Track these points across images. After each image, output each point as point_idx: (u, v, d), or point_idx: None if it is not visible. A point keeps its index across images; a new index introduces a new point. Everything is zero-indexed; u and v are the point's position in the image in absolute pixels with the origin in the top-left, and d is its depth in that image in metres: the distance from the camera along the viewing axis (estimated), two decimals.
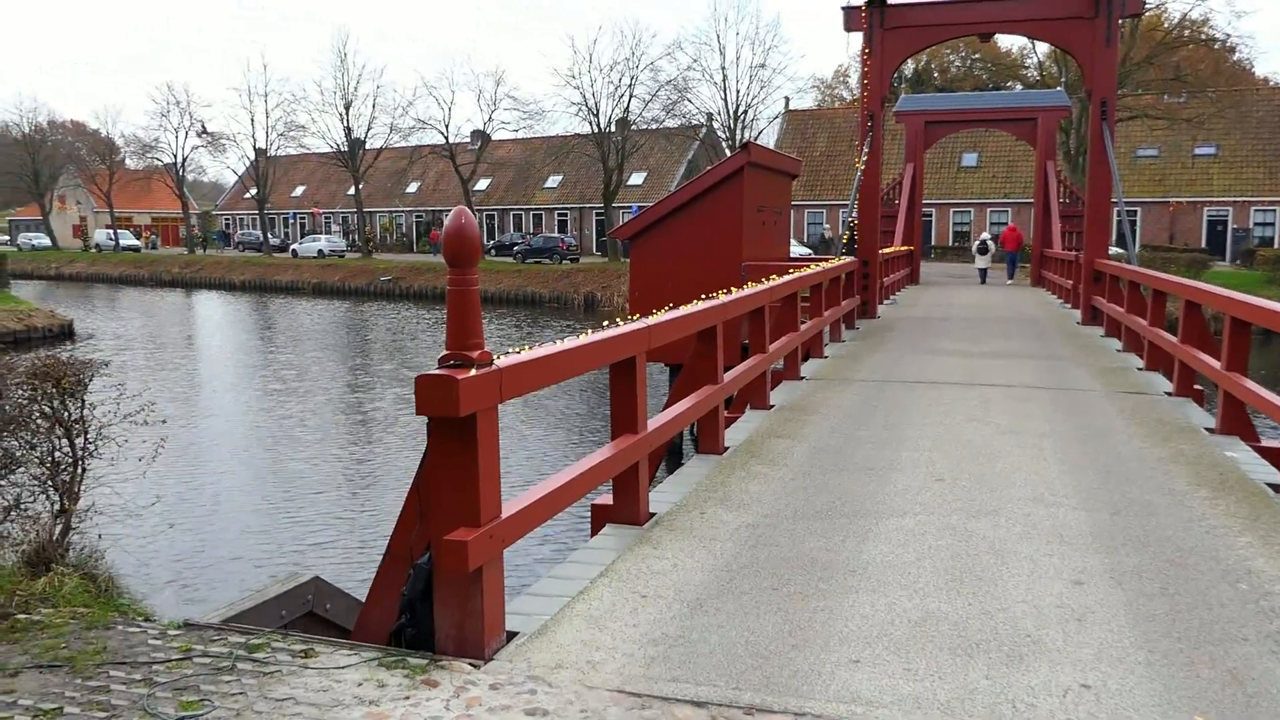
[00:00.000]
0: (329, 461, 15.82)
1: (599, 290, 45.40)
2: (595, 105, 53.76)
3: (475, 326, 4.15)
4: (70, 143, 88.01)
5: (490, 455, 4.16)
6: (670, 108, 53.99)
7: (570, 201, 65.46)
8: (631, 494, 5.93)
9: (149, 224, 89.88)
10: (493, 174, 67.85)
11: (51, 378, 5.84)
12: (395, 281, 52.78)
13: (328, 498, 13.64)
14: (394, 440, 17.15)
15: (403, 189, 72.34)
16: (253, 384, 23.85)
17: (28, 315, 33.56)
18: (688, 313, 6.97)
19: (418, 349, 30.75)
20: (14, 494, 6.02)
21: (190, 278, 62.97)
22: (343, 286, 54.59)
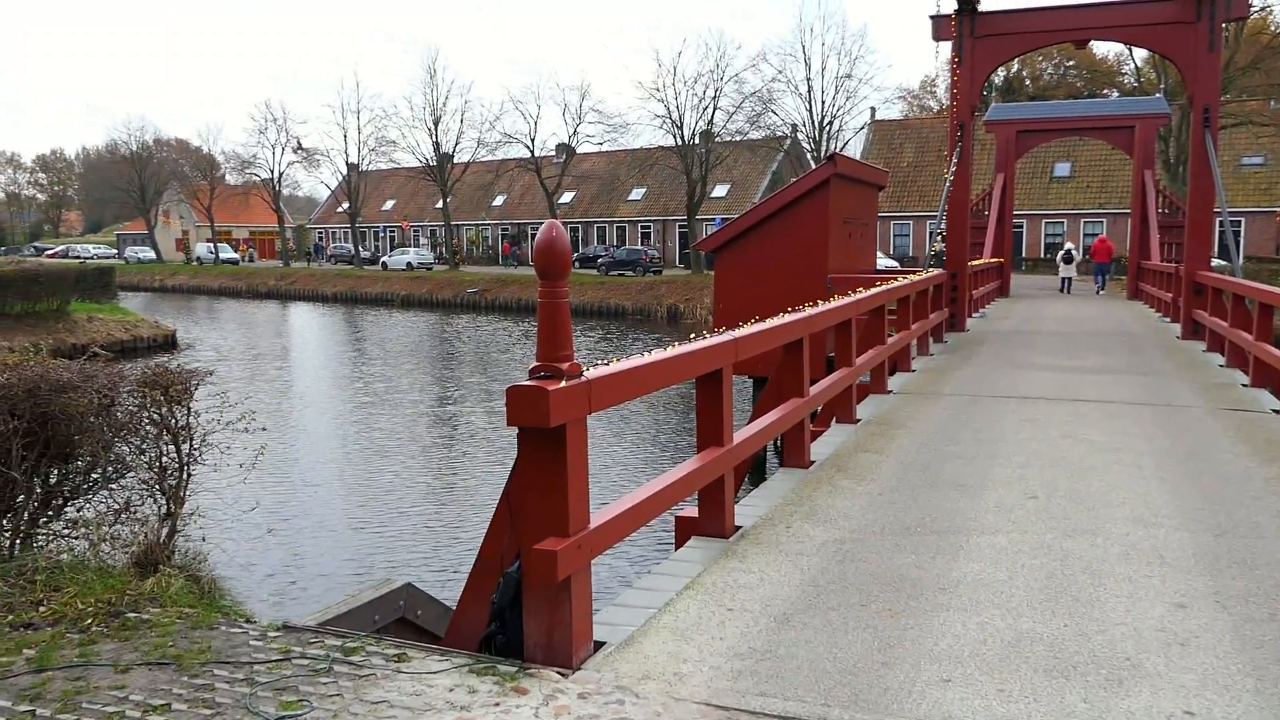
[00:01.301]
0: (418, 471, 16.13)
1: (682, 302, 45.41)
2: (679, 118, 53.93)
3: (565, 338, 4.20)
4: (174, 160, 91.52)
5: (579, 466, 4.21)
6: (754, 119, 53.86)
7: (654, 214, 65.71)
8: (717, 507, 5.93)
9: (247, 238, 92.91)
10: (577, 187, 68.52)
11: (160, 386, 6.08)
12: (481, 294, 53.58)
13: (417, 506, 13.90)
14: (481, 451, 17.39)
15: (489, 202, 73.50)
16: (345, 394, 24.46)
17: (134, 325, 34.94)
18: (774, 325, 6.95)
19: (504, 361, 31.16)
20: (124, 497, 6.29)
21: (285, 290, 64.85)
22: (430, 298, 55.62)
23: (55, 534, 6.31)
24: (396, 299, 57.01)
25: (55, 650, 4.46)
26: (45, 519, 6.35)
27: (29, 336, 27.90)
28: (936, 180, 53.87)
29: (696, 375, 5.68)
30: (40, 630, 4.73)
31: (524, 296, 50.71)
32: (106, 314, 35.14)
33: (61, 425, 6.00)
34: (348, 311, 53.14)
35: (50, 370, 6.12)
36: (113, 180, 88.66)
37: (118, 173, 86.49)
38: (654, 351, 5.12)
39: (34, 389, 5.93)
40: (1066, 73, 72.61)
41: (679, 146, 54.01)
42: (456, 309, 52.23)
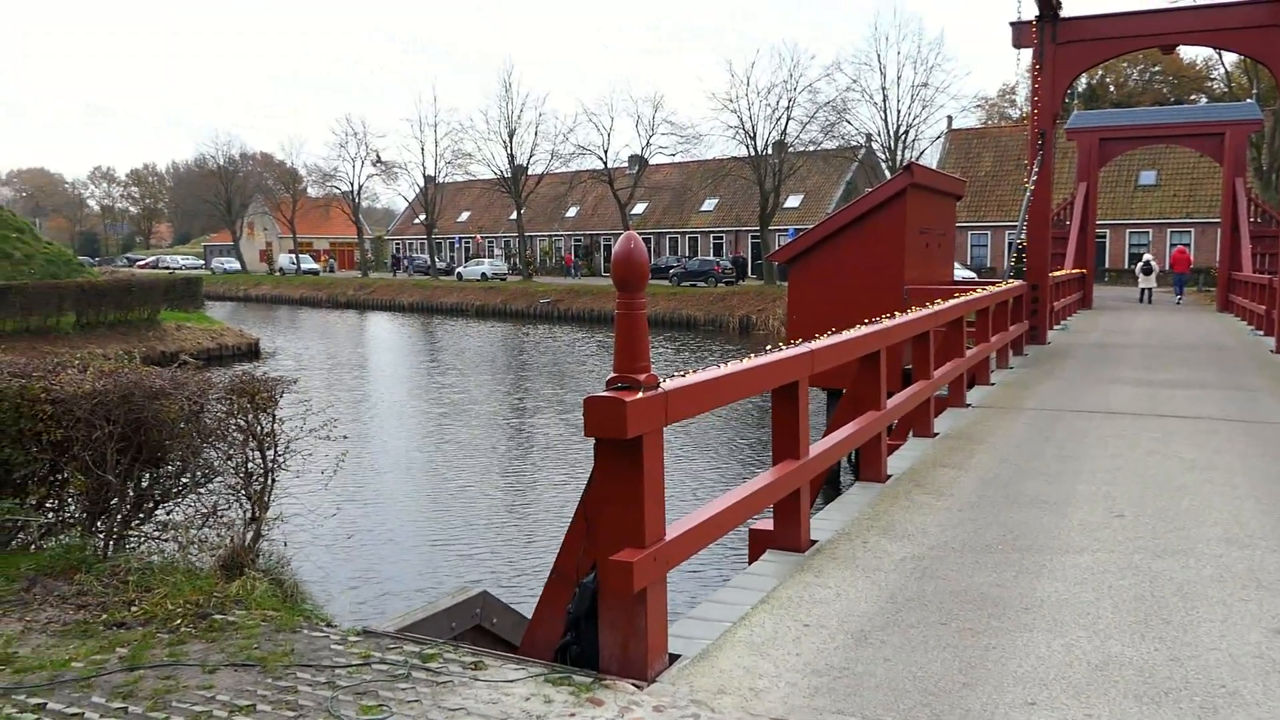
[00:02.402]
0: (493, 480, 16.30)
1: (754, 313, 45.23)
2: (752, 128, 53.79)
3: (643, 350, 4.21)
4: (259, 173, 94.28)
5: (655, 477, 4.20)
6: (828, 129, 53.49)
7: (726, 224, 65.59)
8: (793, 520, 5.87)
9: (327, 249, 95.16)
10: (650, 198, 68.73)
11: (247, 393, 6.24)
12: (554, 304, 54.03)
13: (492, 515, 14.04)
14: (556, 461, 17.50)
15: (562, 213, 74.17)
16: (421, 404, 24.84)
17: (220, 334, 36.03)
18: (850, 337, 6.87)
19: (579, 372, 31.35)
20: (211, 501, 6.46)
21: (364, 299, 66.22)
22: (504, 309, 56.26)
23: (146, 536, 6.51)
24: (471, 309, 57.78)
25: (146, 649, 4.60)
26: (137, 521, 6.56)
27: (122, 344, 28.92)
28: (1015, 190, 52.83)
29: (772, 387, 5.64)
30: (132, 629, 4.88)
31: (596, 307, 50.99)
32: (194, 323, 36.32)
33: (153, 430, 6.19)
34: (424, 321, 54.01)
35: (143, 377, 6.32)
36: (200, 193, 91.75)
37: (205, 186, 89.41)
38: (730, 363, 5.09)
39: (128, 395, 6.13)
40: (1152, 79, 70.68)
41: (752, 157, 53.86)
42: (530, 319, 52.74)
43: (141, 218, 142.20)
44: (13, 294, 28.99)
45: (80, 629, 4.92)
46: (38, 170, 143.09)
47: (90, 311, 31.24)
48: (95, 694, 4.12)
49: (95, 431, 6.09)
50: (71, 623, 5.00)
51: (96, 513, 6.50)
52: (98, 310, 31.53)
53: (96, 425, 6.07)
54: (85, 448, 6.14)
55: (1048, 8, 17.98)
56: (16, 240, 37.04)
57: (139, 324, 32.83)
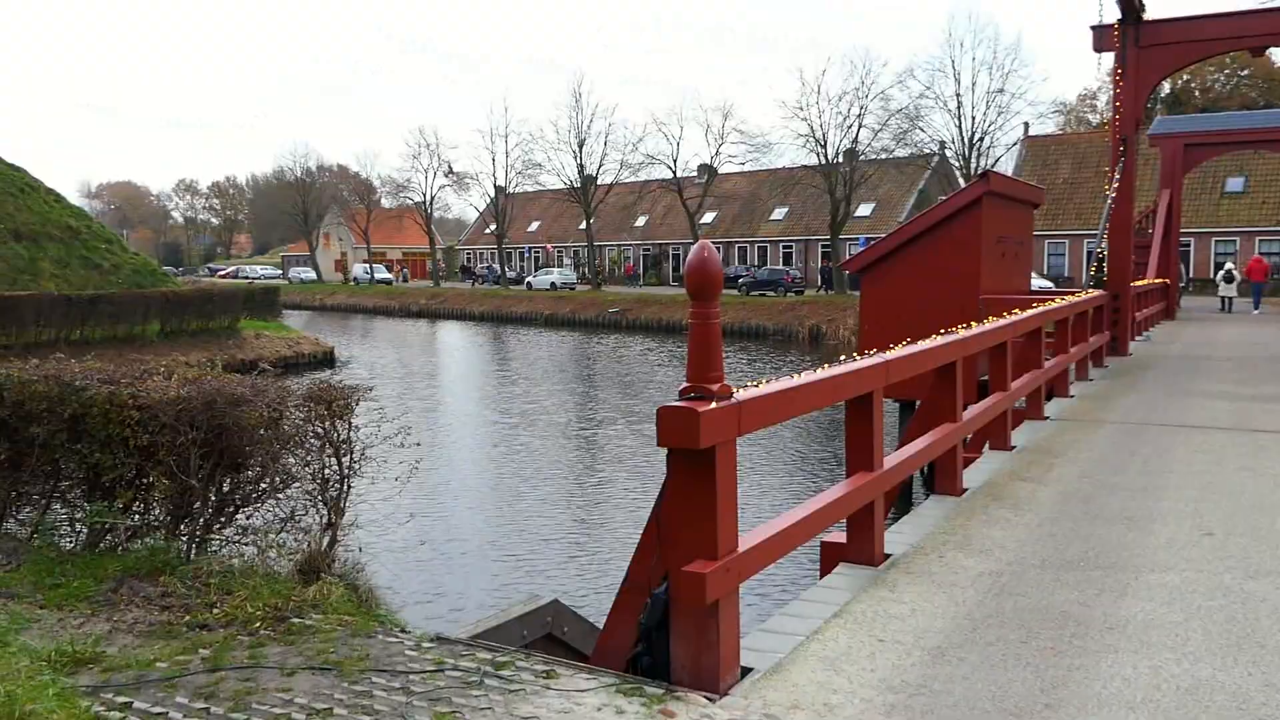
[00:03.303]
0: (564, 489, 16.40)
1: (824, 323, 44.81)
2: (823, 136, 53.43)
3: (716, 359, 4.19)
4: (335, 185, 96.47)
5: (728, 488, 4.18)
6: (901, 137, 52.85)
7: (796, 234, 65.20)
8: (866, 533, 5.79)
9: (400, 258, 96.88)
10: (719, 207, 68.64)
11: (324, 401, 6.36)
12: (623, 313, 54.20)
13: (563, 524, 14.13)
14: (626, 471, 17.54)
15: (631, 223, 74.43)
16: (493, 412, 25.11)
17: (296, 342, 36.87)
18: (926, 348, 6.76)
19: (648, 381, 31.40)
20: (289, 507, 6.59)
21: (435, 309, 67.17)
22: (573, 318, 56.60)
23: (227, 540, 6.67)
24: (540, 318, 58.25)
25: (227, 651, 4.70)
26: (218, 525, 6.72)
27: (204, 352, 29.78)
28: (1095, 197, 51.62)
29: (847, 398, 5.57)
30: (214, 631, 5.00)
31: (665, 316, 51.02)
32: (272, 331, 37.23)
33: (234, 437, 6.34)
34: (494, 330, 54.61)
35: (225, 384, 6.48)
36: (279, 204, 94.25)
37: (283, 197, 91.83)
38: (803, 373, 5.05)
39: (211, 402, 6.29)
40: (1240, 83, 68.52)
41: (822, 165, 53.48)
42: (599, 329, 52.96)
43: (222, 229, 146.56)
44: (102, 303, 30.04)
45: (165, 629, 5.05)
46: (125, 183, 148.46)
47: (174, 320, 32.22)
48: (179, 694, 4.23)
49: (179, 437, 6.26)
50: (156, 623, 5.14)
51: (180, 516, 6.69)
52: (180, 319, 32.51)
53: (181, 431, 6.24)
54: (170, 453, 6.31)
55: (1130, 11, 17.53)
56: (105, 251, 38.41)
57: (219, 332, 33.78)
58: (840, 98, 55.17)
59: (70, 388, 6.71)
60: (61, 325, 28.50)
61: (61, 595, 5.63)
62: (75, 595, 5.63)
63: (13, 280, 32.86)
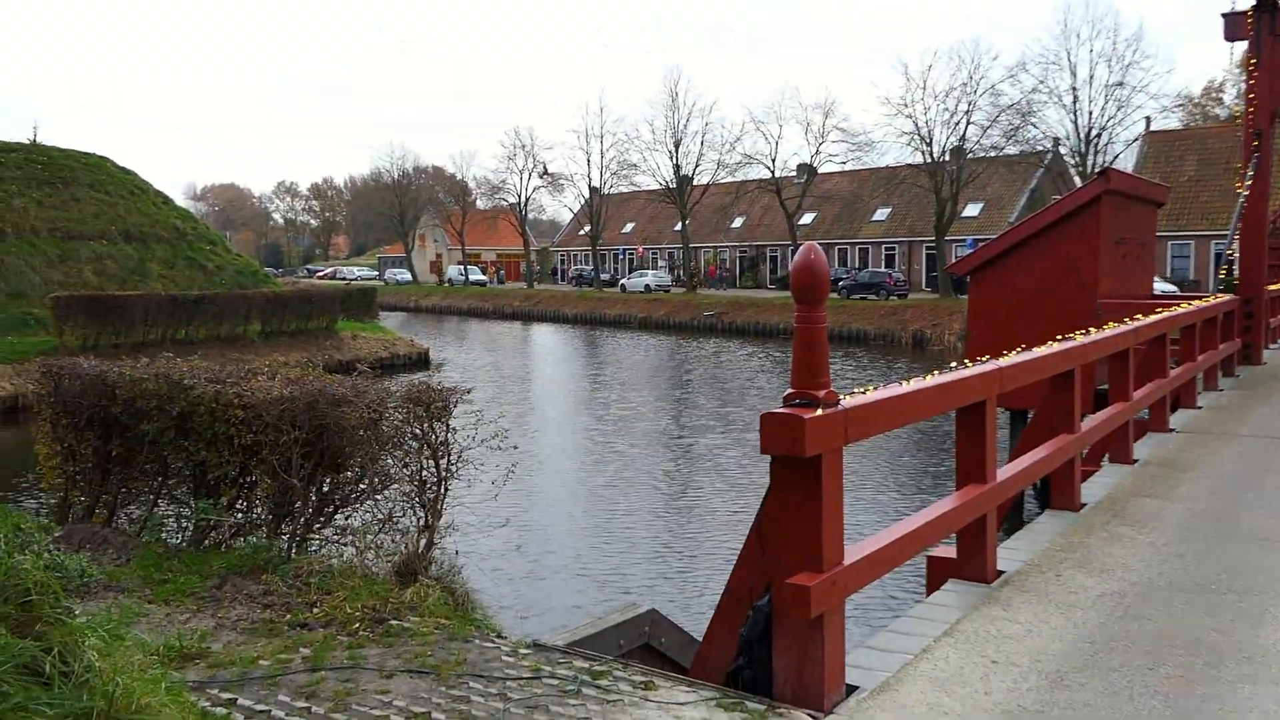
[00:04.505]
0: (661, 495, 16.42)
1: (928, 328, 44.00)
2: (928, 134, 52.44)
3: (822, 365, 4.13)
4: (430, 186, 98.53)
5: (834, 499, 4.12)
6: (1011, 133, 51.49)
7: (899, 235, 64.13)
8: (978, 549, 5.64)
9: (494, 260, 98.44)
10: (818, 207, 67.94)
11: (422, 403, 6.49)
12: (719, 316, 54.09)
13: (660, 531, 14.14)
14: (725, 479, 17.46)
15: (727, 224, 74.16)
16: (587, 416, 25.29)
17: (392, 344, 37.75)
18: (1042, 355, 6.56)
19: (748, 387, 31.26)
20: (387, 508, 6.75)
21: (529, 311, 68.08)
22: (667, 321, 56.69)
23: (327, 540, 6.86)
24: (634, 321, 58.50)
25: (327, 651, 4.82)
26: (318, 525, 6.92)
27: (302, 352, 30.74)
28: (1224, 195, 49.50)
29: (957, 406, 5.44)
30: (314, 631, 5.14)
31: (762, 320, 50.75)
32: (369, 332, 38.19)
33: (335, 437, 6.52)
34: (588, 333, 55.04)
35: (327, 385, 6.67)
36: (376, 206, 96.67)
37: (380, 199, 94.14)
38: (912, 380, 4.95)
39: (312, 403, 6.48)
40: None
41: (928, 164, 52.48)
42: (694, 332, 52.93)
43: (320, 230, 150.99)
44: (206, 303, 31.25)
45: (267, 627, 5.21)
46: (228, 185, 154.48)
47: (274, 321, 33.31)
48: (281, 692, 4.35)
49: (282, 436, 6.46)
50: (259, 621, 5.31)
51: (281, 515, 6.90)
52: (280, 319, 33.59)
53: (283, 430, 6.44)
54: (273, 452, 6.52)
55: None
56: (209, 252, 40.00)
57: (318, 333, 34.78)
58: (947, 93, 53.95)
59: (179, 386, 6.99)
60: (167, 325, 29.72)
61: (169, 591, 5.86)
62: (182, 591, 5.85)
63: (123, 280, 34.45)
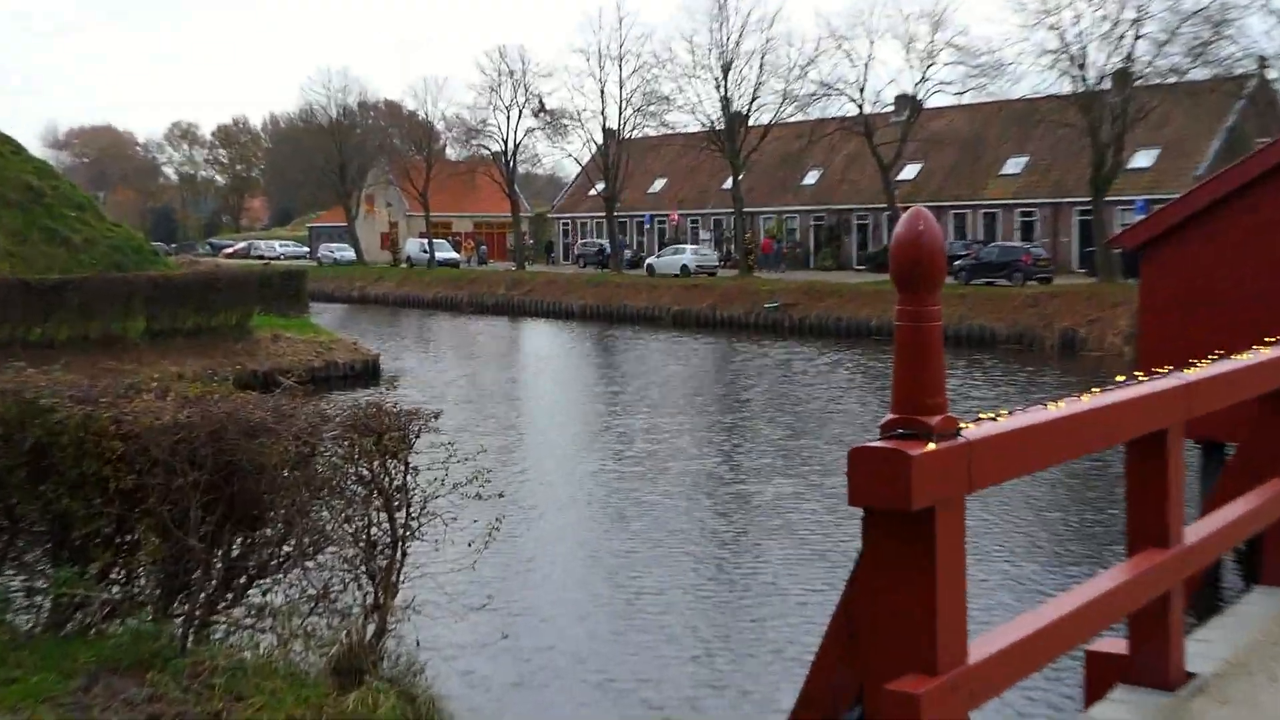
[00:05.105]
0: (704, 567, 16.37)
1: (1082, 326, 43.76)
2: (1081, 52, 52.20)
3: (935, 378, 4.09)
4: (383, 128, 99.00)
5: (953, 570, 4.07)
6: (1198, 51, 51.17)
7: (1039, 193, 63.91)
8: (1158, 641, 5.58)
9: (471, 231, 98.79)
10: (925, 156, 67.83)
11: (372, 432, 6.51)
12: (784, 310, 53.96)
13: (700, 613, 14.10)
14: (795, 542, 17.35)
15: (797, 180, 74.15)
16: (600, 451, 25.30)
17: (328, 348, 37.86)
18: (1247, 364, 6.50)
19: (827, 410, 31.15)
20: (322, 579, 6.77)
21: (519, 302, 68.07)
22: (713, 316, 56.60)
23: (237, 624, 6.89)
24: (666, 316, 58.44)
25: None
26: (225, 603, 6.96)
27: (204, 360, 30.90)
28: None
29: (1127, 439, 5.39)
30: None
31: (846, 314, 50.64)
32: (296, 332, 38.33)
33: (249, 480, 6.56)
34: (601, 333, 55.08)
35: (238, 407, 6.70)
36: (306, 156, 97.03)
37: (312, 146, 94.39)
38: (1063, 401, 4.90)
39: (219, 431, 6.52)
40: None
41: (1080, 94, 52.23)
42: (751, 331, 52.84)
43: (230, 190, 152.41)
44: (70, 291, 31.33)
45: None
46: (103, 129, 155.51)
47: (164, 315, 33.49)
48: None
49: (176, 479, 6.51)
50: None
51: (174, 588, 6.94)
52: (173, 314, 33.74)
53: (178, 470, 6.48)
54: (163, 500, 6.57)
55: None
56: (75, 221, 40.15)
57: (225, 333, 34.96)
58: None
59: (32, 408, 7.04)
60: (17, 321, 29.86)
61: (17, 695, 5.88)
62: (34, 695, 5.87)
63: None
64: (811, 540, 17.30)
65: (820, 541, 17.14)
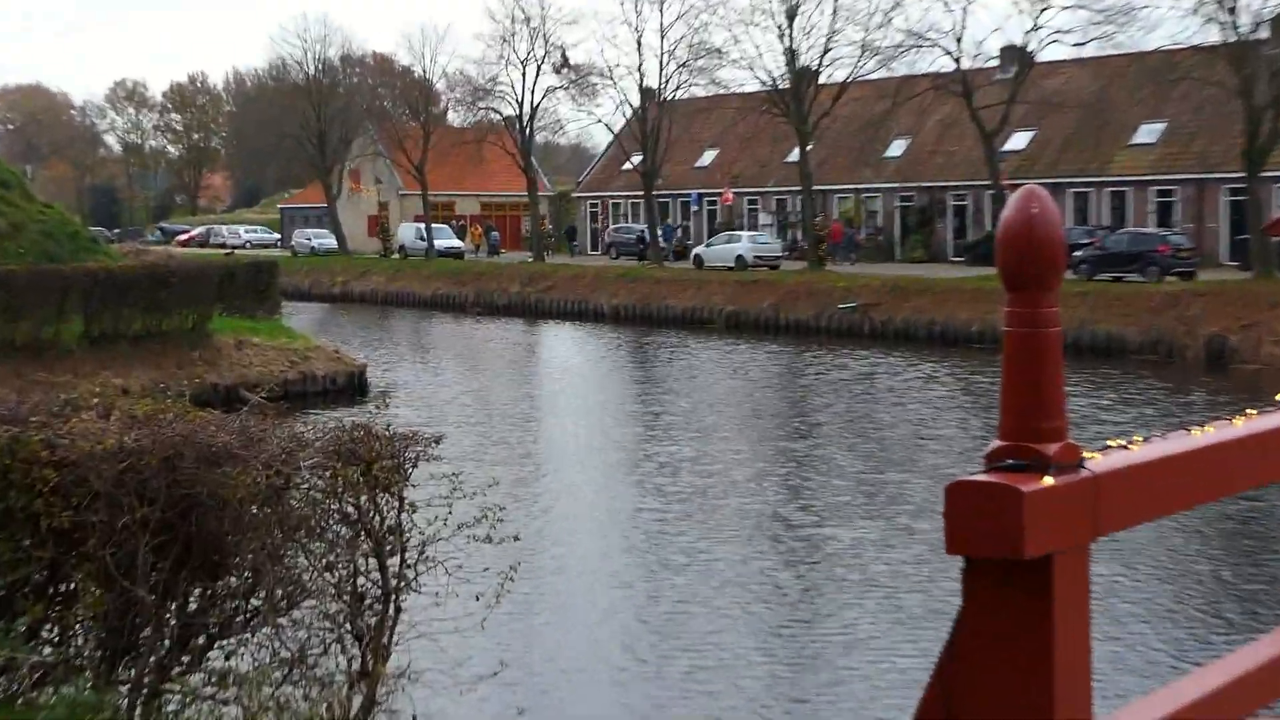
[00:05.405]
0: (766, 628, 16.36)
1: (1234, 332, 43.41)
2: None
3: (1052, 397, 4.06)
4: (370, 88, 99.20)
5: (1076, 634, 4.05)
6: None
7: (1179, 168, 63.54)
8: None
9: (478, 214, 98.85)
10: (1036, 122, 67.49)
11: (359, 460, 6.54)
12: (864, 311, 53.73)
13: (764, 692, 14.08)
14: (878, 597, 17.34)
15: (879, 152, 73.77)
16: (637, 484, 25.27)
17: (304, 356, 37.87)
18: None
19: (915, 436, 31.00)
20: (299, 639, 6.80)
21: (538, 301, 67.86)
22: (776, 319, 56.33)
23: (194, 693, 6.93)
24: (718, 317, 58.25)
25: None
26: (180, 667, 7.00)
27: (152, 371, 31.04)
28: None
29: None
30: None
31: (941, 317, 50.27)
32: (264, 337, 38.43)
33: (210, 518, 6.60)
34: (638, 338, 55.04)
35: (198, 429, 6.75)
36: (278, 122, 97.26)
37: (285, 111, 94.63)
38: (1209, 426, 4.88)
39: (173, 458, 6.57)
40: None
41: (1229, 45, 51.87)
42: (822, 337, 52.62)
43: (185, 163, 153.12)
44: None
45: None
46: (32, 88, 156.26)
47: (106, 316, 33.54)
48: None
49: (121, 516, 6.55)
50: None
51: (119, 649, 6.99)
52: (117, 315, 33.79)
53: (124, 506, 6.53)
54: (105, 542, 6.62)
55: None
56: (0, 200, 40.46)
57: (179, 338, 35.05)
58: None
59: None
60: None
61: None
62: None
63: None
64: (899, 598, 17.22)
65: (910, 599, 17.07)
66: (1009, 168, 63.31)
